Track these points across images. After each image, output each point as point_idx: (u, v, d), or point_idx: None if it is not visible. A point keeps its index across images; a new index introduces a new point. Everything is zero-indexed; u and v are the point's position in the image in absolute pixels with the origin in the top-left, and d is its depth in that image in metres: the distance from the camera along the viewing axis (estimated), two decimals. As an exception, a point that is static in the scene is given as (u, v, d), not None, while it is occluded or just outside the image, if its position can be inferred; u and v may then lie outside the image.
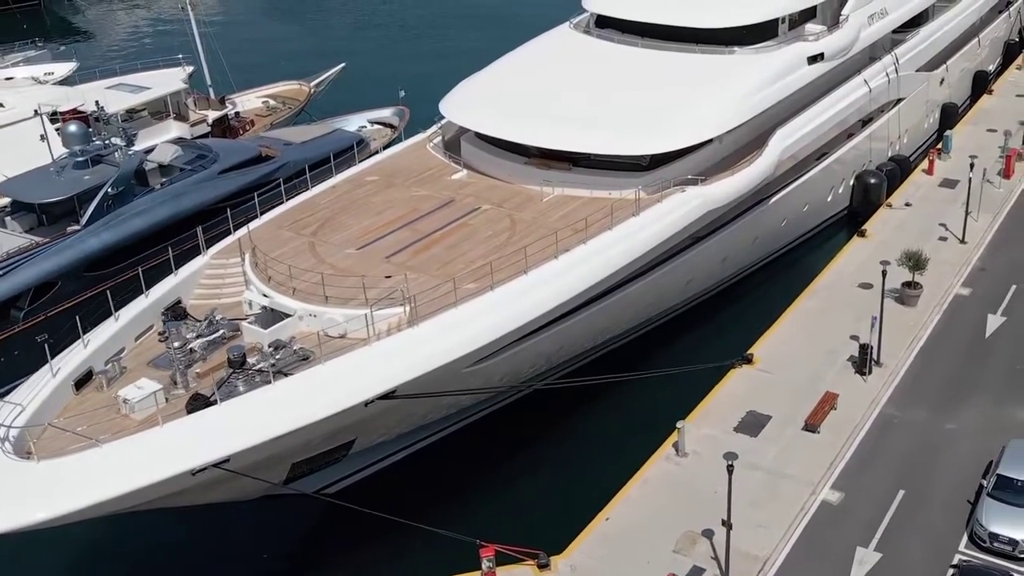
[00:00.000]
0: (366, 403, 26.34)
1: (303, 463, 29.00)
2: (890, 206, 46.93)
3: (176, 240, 38.69)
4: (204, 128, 53.08)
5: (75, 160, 41.69)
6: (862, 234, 44.37)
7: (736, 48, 40.89)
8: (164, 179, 43.64)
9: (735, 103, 38.09)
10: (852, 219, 47.78)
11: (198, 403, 25.33)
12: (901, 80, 49.11)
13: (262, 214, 34.81)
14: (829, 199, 46.20)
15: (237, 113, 57.90)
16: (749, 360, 36.13)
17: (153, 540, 31.71)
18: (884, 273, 34.91)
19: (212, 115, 53.88)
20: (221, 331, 28.89)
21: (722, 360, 36.06)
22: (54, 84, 60.61)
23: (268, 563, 31.10)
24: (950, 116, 55.97)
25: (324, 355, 27.00)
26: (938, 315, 38.76)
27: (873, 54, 48.38)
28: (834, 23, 44.43)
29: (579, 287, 30.70)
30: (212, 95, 56.40)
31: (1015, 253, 42.71)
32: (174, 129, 52.17)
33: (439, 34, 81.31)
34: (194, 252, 32.94)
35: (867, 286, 40.42)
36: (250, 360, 27.28)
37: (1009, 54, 65.34)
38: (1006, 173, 48.84)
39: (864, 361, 35.02)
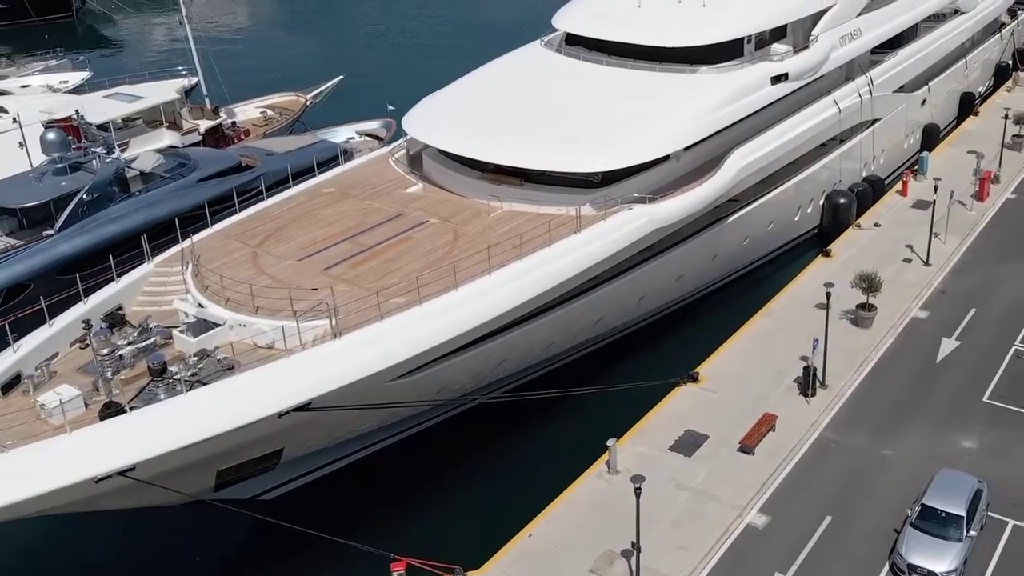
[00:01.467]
0: (280, 415, 25.71)
1: (231, 470, 28.46)
2: (859, 226, 45.40)
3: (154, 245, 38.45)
4: (196, 137, 53.02)
5: (55, 167, 41.75)
6: (827, 254, 42.94)
7: (700, 67, 39.80)
8: (144, 186, 43.48)
9: (690, 121, 37.01)
10: (822, 239, 46.25)
11: (111, 411, 24.86)
12: (876, 101, 47.58)
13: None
14: (797, 218, 44.82)
15: (234, 123, 57.87)
16: (695, 378, 34.98)
17: (93, 541, 31.36)
18: (828, 295, 33.62)
19: (204, 125, 53.82)
20: (153, 339, 28.46)
21: (671, 377, 35.08)
22: (65, 92, 61.23)
23: (194, 567, 30.49)
24: (932, 137, 54.20)
25: (247, 365, 26.48)
26: (892, 338, 37.27)
27: (849, 74, 46.97)
28: (804, 44, 43.14)
29: (510, 303, 29.82)
30: (208, 105, 56.28)
31: (978, 277, 41.05)
32: (166, 137, 52.17)
33: (442, 50, 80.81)
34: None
35: (824, 307, 38.89)
36: (173, 369, 26.80)
37: (1000, 76, 63.30)
38: (980, 196, 47.12)
39: (808, 383, 33.76)
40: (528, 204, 34.86)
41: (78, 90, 61.44)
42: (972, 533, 26.60)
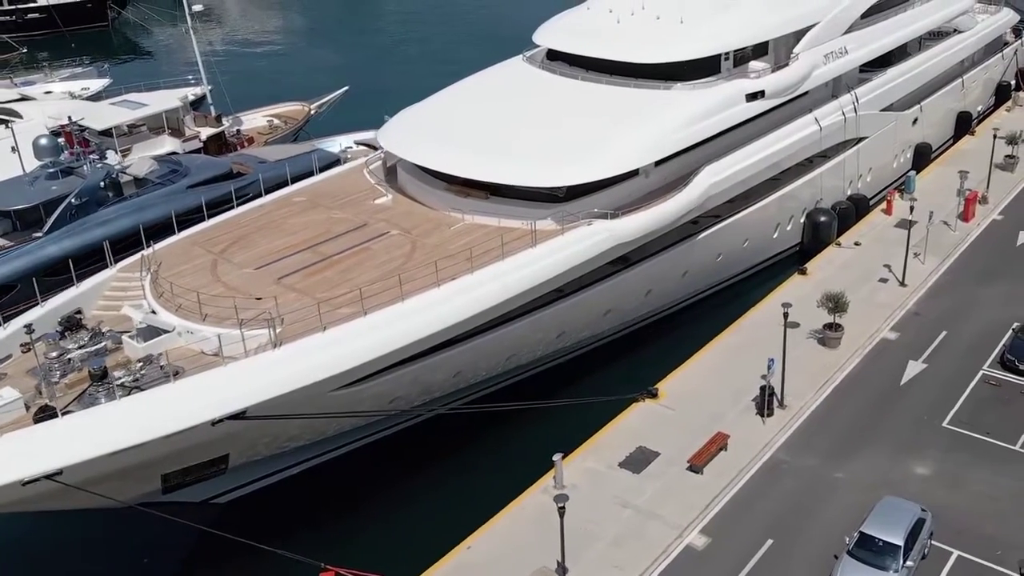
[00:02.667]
0: (214, 423, 25.18)
1: (177, 474, 28.00)
2: (839, 245, 43.94)
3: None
4: (197, 144, 52.91)
5: (47, 171, 41.76)
6: (803, 272, 41.56)
7: (675, 83, 38.71)
8: (135, 191, 43.34)
9: (658, 137, 35.93)
10: (803, 257, 44.75)
11: (45, 415, 24.51)
12: (862, 119, 46.03)
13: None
14: (775, 236, 43.43)
15: (239, 131, 57.73)
16: (654, 394, 33.92)
17: (43, 539, 31.05)
18: (786, 315, 32.38)
19: (206, 132, 53.67)
20: (104, 343, 28.12)
21: (633, 392, 34.03)
22: (84, 99, 61.65)
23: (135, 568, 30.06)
24: (924, 156, 52.43)
25: (188, 372, 26.02)
26: (858, 359, 35.86)
27: (835, 92, 45.50)
28: (786, 61, 41.82)
29: (456, 317, 29.03)
30: (212, 113, 56.23)
31: (953, 299, 39.43)
32: (168, 144, 52.12)
33: (450, 63, 79.79)
34: None
35: (793, 325, 37.59)
36: (117, 374, 26.40)
37: (1002, 95, 61.17)
38: (965, 216, 45.38)
39: (764, 403, 32.52)
40: (491, 217, 34.05)
41: (96, 97, 61.88)
42: (910, 563, 25.30)
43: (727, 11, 41.03)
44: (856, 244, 43.78)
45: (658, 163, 37.01)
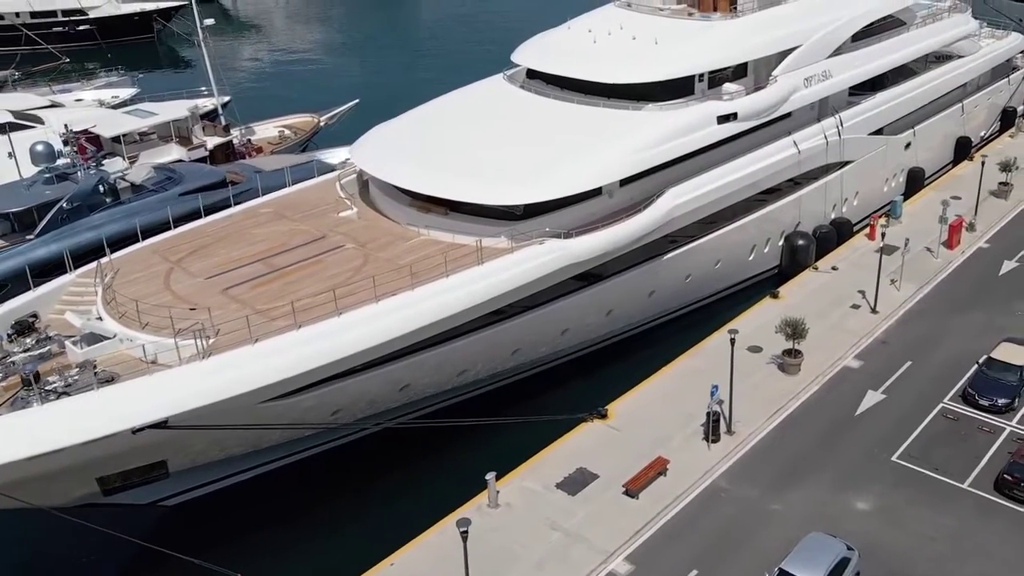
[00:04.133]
0: (134, 431, 24.61)
1: (115, 477, 27.55)
2: (816, 269, 41.97)
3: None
4: (202, 152, 52.92)
5: (44, 176, 41.98)
6: (775, 296, 39.73)
7: (647, 103, 37.31)
8: (128, 197, 43.33)
9: (620, 157, 34.60)
10: (781, 280, 42.82)
11: (-25, 416, 24.22)
12: (846, 143, 44.01)
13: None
14: (751, 258, 41.65)
15: (249, 140, 57.73)
16: (603, 415, 32.56)
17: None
18: (732, 341, 30.73)
19: (212, 141, 53.68)
20: (49, 348, 27.82)
21: (587, 411, 32.71)
22: (111, 107, 62.20)
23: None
24: (916, 181, 50.05)
25: (124, 378, 25.53)
26: (817, 386, 34.03)
27: (821, 115, 43.61)
28: (765, 83, 40.15)
29: (391, 333, 28.08)
30: (221, 123, 56.30)
31: (924, 328, 37.30)
32: (175, 152, 52.19)
33: (467, 77, 79.59)
34: None
35: (756, 349, 36.02)
36: (51, 379, 26.02)
37: (1007, 120, 58.25)
38: (949, 243, 43.05)
39: (709, 428, 30.95)
40: (447, 233, 33.09)
41: (122, 105, 62.41)
42: (828, 603, 23.66)
43: (704, 33, 39.56)
44: (833, 269, 41.77)
45: (624, 183, 35.70)
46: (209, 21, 61.11)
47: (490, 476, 28.59)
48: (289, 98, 72.94)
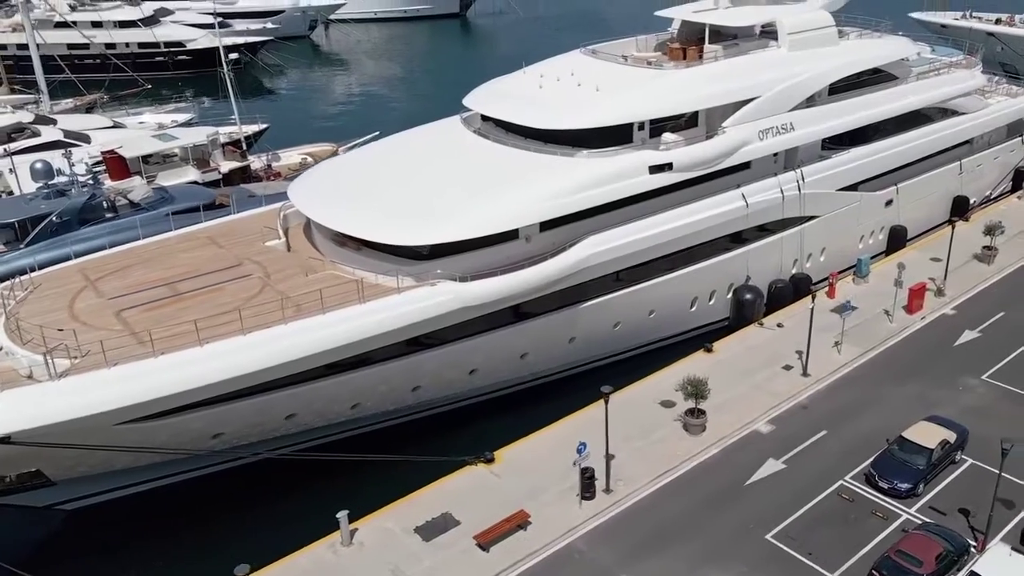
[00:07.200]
0: (-25, 444, 23.90)
1: (3, 479, 26.91)
2: (761, 324, 38.04)
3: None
4: (216, 175, 53.19)
5: (43, 192, 42.70)
6: (708, 350, 36.11)
7: (583, 150, 34.66)
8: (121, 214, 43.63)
9: (534, 202, 32.06)
10: (731, 333, 39.09)
11: None
12: (809, 197, 39.88)
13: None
14: (693, 309, 38.10)
15: (270, 165, 57.86)
16: (489, 460, 29.99)
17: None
18: (607, 400, 27.58)
19: (228, 166, 53.94)
20: (-54, 354, 27.59)
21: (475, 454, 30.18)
22: (173, 127, 63.57)
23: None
24: (898, 239, 45.10)
25: (-5, 390, 24.94)
26: (717, 449, 30.42)
27: (788, 167, 39.75)
28: (712, 134, 36.79)
29: (254, 366, 26.49)
30: (243, 148, 56.62)
31: (852, 396, 32.98)
32: (191, 174, 52.53)
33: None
34: None
35: (669, 404, 32.66)
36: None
37: (1020, 181, 52.15)
38: (909, 308, 38.27)
39: (582, 486, 27.93)
40: (357, 269, 31.29)
41: (183, 126, 63.75)
42: None
43: (650, 81, 36.59)
44: (779, 326, 37.75)
45: (545, 228, 33.16)
46: (233, 55, 61.88)
47: (342, 515, 26.51)
48: (334, 127, 73.17)
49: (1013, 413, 31.69)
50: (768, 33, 41.93)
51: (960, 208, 48.23)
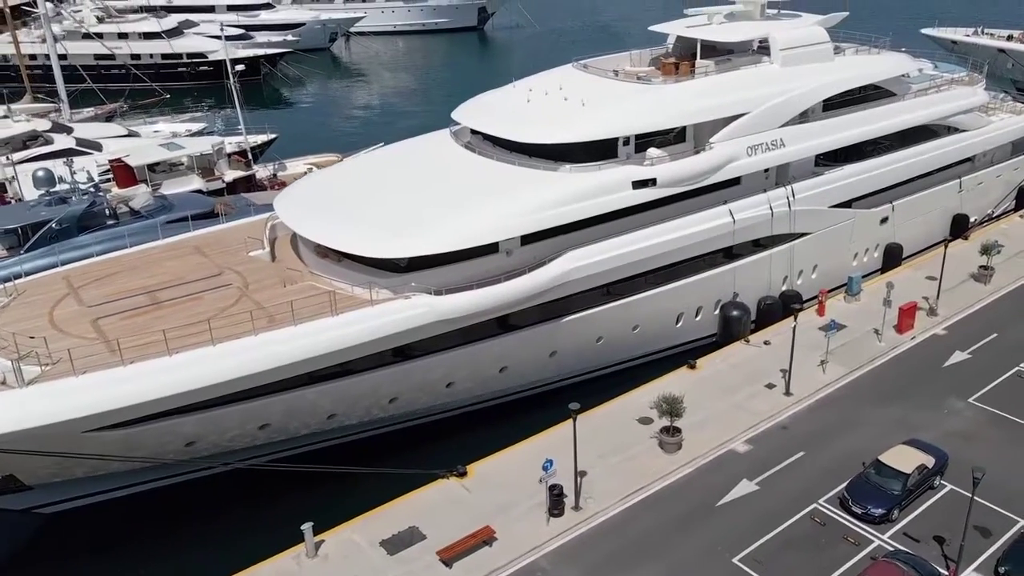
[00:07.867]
0: (-55, 447, 23.84)
1: (-18, 482, 26.98)
2: (747, 342, 37.17)
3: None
4: (220, 184, 53.33)
5: (45, 199, 42.98)
6: (692, 366, 35.33)
7: (566, 164, 34.14)
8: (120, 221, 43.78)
9: (513, 216, 31.55)
10: (718, 349, 38.24)
11: None
12: (800, 214, 38.99)
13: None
14: (679, 325, 37.33)
15: (276, 175, 57.99)
16: (462, 473, 29.47)
17: None
18: (574, 418, 26.93)
19: (232, 174, 54.10)
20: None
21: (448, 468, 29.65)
22: (186, 135, 64.10)
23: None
24: (893, 257, 43.94)
25: (-35, 396, 24.91)
26: (691, 468, 29.64)
27: (780, 184, 38.84)
28: (699, 149, 36.09)
29: (222, 376, 26.21)
30: (248, 157, 56.81)
31: (834, 417, 32.02)
32: (195, 182, 52.75)
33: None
34: None
35: (647, 421, 31.95)
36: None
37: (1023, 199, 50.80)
38: (899, 327, 37.20)
39: (550, 503, 27.29)
40: (336, 280, 30.95)
41: (196, 135, 64.19)
42: None
43: (636, 96, 36.00)
44: (766, 343, 36.88)
45: (527, 242, 32.66)
46: (240, 67, 62.11)
47: (306, 527, 26.12)
48: (343, 137, 73.28)
49: (999, 437, 30.58)
50: (763, 49, 41.21)
51: (960, 226, 47.00)
